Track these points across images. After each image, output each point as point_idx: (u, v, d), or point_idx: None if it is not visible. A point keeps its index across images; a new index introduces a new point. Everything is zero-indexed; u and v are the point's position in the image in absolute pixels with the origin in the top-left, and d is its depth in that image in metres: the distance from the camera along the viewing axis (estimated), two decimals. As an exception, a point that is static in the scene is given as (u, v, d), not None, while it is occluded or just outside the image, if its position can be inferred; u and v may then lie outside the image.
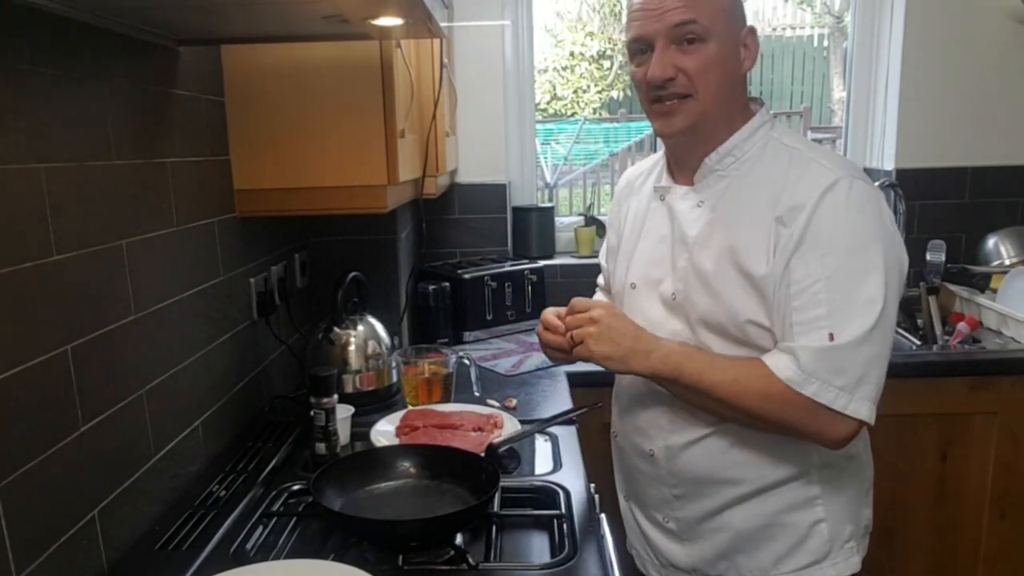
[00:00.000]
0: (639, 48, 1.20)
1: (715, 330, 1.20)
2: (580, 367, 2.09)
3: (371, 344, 1.76)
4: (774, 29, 11.10)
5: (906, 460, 2.11)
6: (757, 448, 1.22)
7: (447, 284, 2.35)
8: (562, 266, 2.73)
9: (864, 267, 1.10)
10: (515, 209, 2.77)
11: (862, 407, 1.10)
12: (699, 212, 1.23)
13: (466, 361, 1.81)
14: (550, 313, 1.33)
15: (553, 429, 1.56)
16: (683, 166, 1.28)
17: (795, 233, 1.12)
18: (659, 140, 1.32)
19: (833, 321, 1.09)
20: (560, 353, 1.31)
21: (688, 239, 1.23)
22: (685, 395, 1.21)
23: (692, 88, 1.17)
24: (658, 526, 1.35)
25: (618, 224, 1.43)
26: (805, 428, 1.14)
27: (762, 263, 1.15)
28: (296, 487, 1.37)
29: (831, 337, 1.09)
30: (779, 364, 1.12)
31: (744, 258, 1.16)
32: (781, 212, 1.14)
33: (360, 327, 1.77)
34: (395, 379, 1.81)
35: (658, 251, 1.29)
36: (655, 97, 1.20)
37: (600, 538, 1.18)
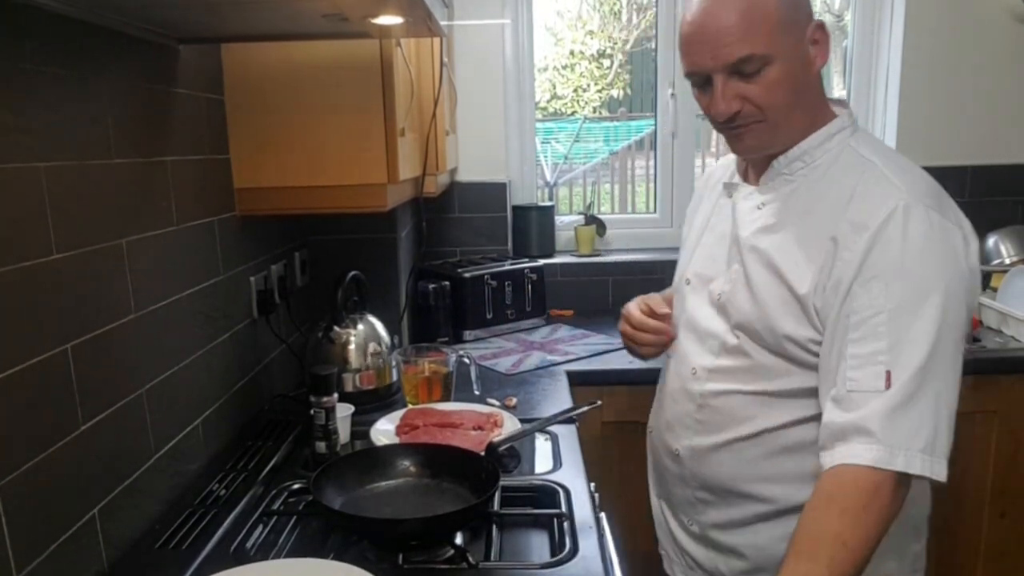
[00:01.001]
0: (697, 80, 1.14)
1: (753, 337, 1.16)
2: (580, 366, 2.10)
3: (371, 343, 1.76)
4: (774, 28, 11.08)
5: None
6: (787, 465, 1.15)
7: (447, 283, 2.35)
8: (562, 265, 2.73)
9: (927, 302, 1.01)
10: (515, 208, 2.76)
11: (942, 469, 1.00)
12: (758, 215, 1.18)
13: (466, 360, 1.81)
14: (635, 309, 1.38)
15: (553, 428, 1.56)
16: (753, 164, 1.23)
17: (855, 258, 1.04)
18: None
19: (892, 357, 1.00)
20: (650, 349, 1.36)
21: (741, 241, 1.19)
22: None
23: (760, 114, 1.11)
24: (684, 527, 1.31)
25: (691, 217, 1.40)
26: (901, 505, 1.02)
27: (806, 281, 1.09)
28: (296, 486, 1.37)
29: (888, 377, 1.00)
30: (857, 452, 0.99)
31: (789, 271, 1.11)
32: (838, 232, 1.06)
33: (360, 326, 1.77)
34: (395, 378, 1.81)
35: (716, 249, 1.25)
36: (723, 127, 1.16)
37: (600, 537, 1.18)
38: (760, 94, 1.09)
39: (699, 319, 1.25)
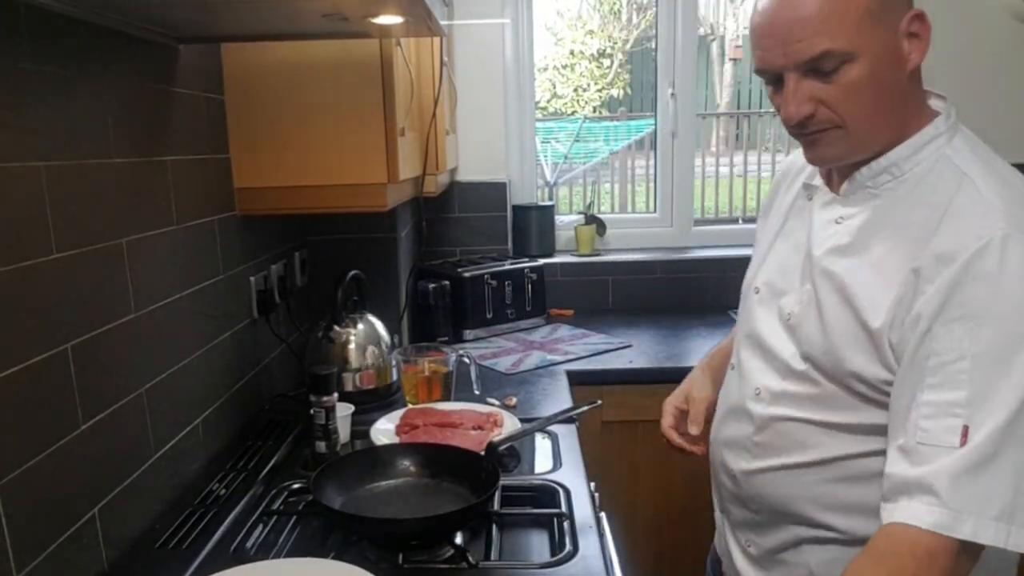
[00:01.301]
0: (768, 78, 1.02)
1: (819, 369, 1.05)
2: (580, 365, 2.10)
3: (371, 343, 1.76)
4: (774, 27, 11.09)
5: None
6: (850, 494, 1.05)
7: (447, 282, 2.35)
8: (562, 264, 2.73)
9: (1019, 352, 0.87)
10: (515, 207, 2.77)
11: (1022, 538, 0.86)
12: (834, 230, 1.05)
13: (466, 359, 1.81)
14: (668, 414, 1.36)
15: (553, 427, 1.56)
16: (837, 170, 1.09)
17: (939, 293, 0.90)
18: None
19: (971, 411, 0.87)
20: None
21: (813, 260, 1.06)
22: None
23: (838, 119, 0.98)
24: (741, 549, 1.22)
25: (766, 210, 1.28)
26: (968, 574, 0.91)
27: (880, 315, 0.96)
28: (296, 485, 1.37)
29: (964, 433, 0.87)
30: (918, 513, 0.88)
31: (863, 302, 0.99)
32: (923, 262, 0.93)
33: (360, 325, 1.77)
34: (395, 377, 1.81)
35: (790, 260, 1.12)
36: (796, 132, 1.03)
37: (600, 537, 1.18)
38: (838, 96, 0.96)
39: (766, 336, 1.14)
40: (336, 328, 1.74)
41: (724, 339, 1.34)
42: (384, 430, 1.55)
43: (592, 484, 1.36)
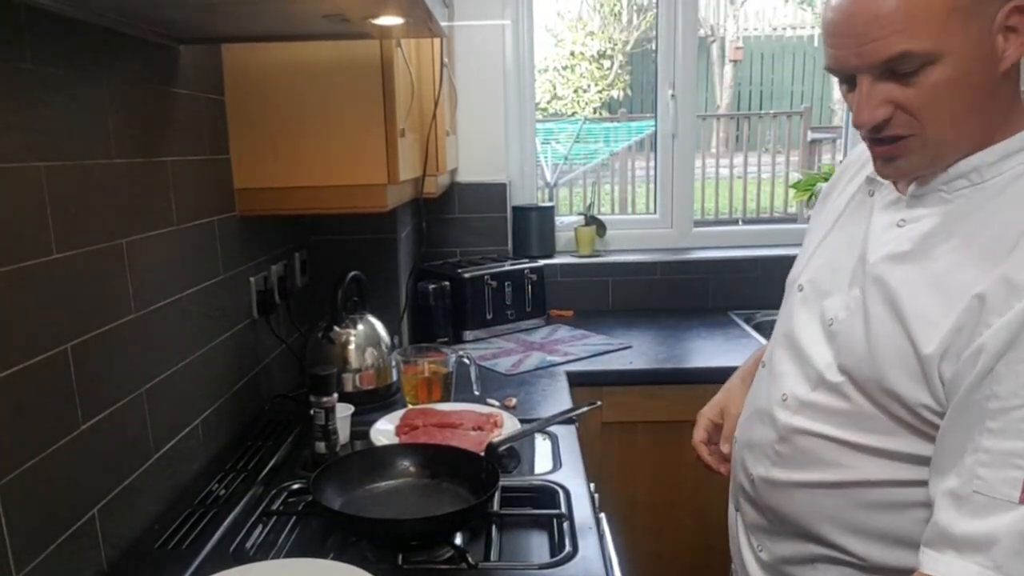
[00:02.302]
0: (842, 77, 0.94)
1: (855, 383, 0.96)
2: (579, 366, 2.10)
3: (371, 343, 1.76)
4: (775, 29, 11.12)
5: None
6: (875, 522, 0.98)
7: (447, 283, 2.35)
8: (562, 265, 2.73)
9: None
10: (515, 208, 2.77)
11: None
12: (894, 234, 0.96)
13: (466, 360, 1.81)
14: (701, 427, 1.30)
15: (553, 428, 1.56)
16: None
17: (1007, 327, 0.81)
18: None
19: None
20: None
21: (867, 264, 0.98)
22: None
23: (917, 126, 0.89)
24: (753, 551, 1.16)
25: (822, 203, 1.19)
26: None
27: (934, 340, 0.87)
28: (296, 486, 1.37)
29: None
30: (967, 571, 0.81)
31: (915, 322, 0.90)
32: (988, 287, 0.83)
33: (360, 326, 1.77)
34: (395, 378, 1.81)
35: (842, 259, 1.03)
36: (869, 138, 0.95)
37: (600, 537, 1.18)
38: (918, 100, 0.87)
39: (802, 338, 1.06)
40: (336, 329, 1.74)
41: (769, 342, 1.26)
42: (384, 431, 1.55)
43: (592, 485, 1.36)
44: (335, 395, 1.42)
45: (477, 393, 1.80)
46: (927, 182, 0.95)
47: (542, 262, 2.60)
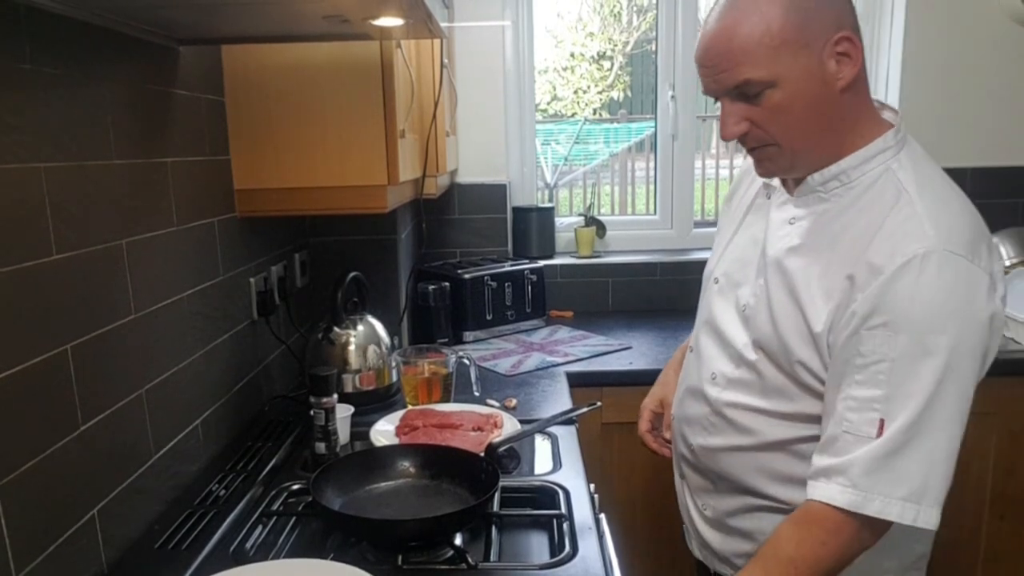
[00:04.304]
0: (713, 98, 1.13)
1: (770, 356, 1.15)
2: (579, 367, 2.10)
3: (371, 344, 1.76)
4: (774, 30, 11.09)
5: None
6: (797, 470, 1.15)
7: (447, 284, 2.35)
8: (562, 266, 2.73)
9: (930, 356, 0.99)
10: (515, 209, 2.77)
11: (931, 516, 1.01)
12: (787, 231, 1.15)
13: (466, 361, 1.81)
14: (644, 418, 1.50)
15: (552, 429, 1.56)
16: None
17: (867, 301, 1.01)
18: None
19: (887, 407, 1.00)
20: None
21: (767, 256, 1.17)
22: None
23: (769, 136, 1.08)
24: (699, 511, 1.34)
25: (728, 203, 1.37)
26: (874, 543, 1.06)
27: (820, 319, 1.07)
28: (296, 486, 1.37)
29: (880, 425, 1.00)
30: (831, 493, 1.02)
31: (807, 305, 1.09)
32: (857, 271, 1.03)
33: (360, 327, 1.77)
34: (395, 379, 1.81)
35: (748, 253, 1.22)
36: (744, 147, 1.14)
37: (600, 538, 1.18)
38: (765, 117, 1.06)
39: (723, 324, 1.24)
40: (336, 329, 1.74)
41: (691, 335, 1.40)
42: (384, 431, 1.55)
43: (592, 485, 1.36)
44: (335, 396, 1.42)
45: (477, 394, 1.80)
46: (808, 184, 1.13)
47: (542, 263, 2.60)
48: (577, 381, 2.02)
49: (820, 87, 1.04)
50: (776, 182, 1.20)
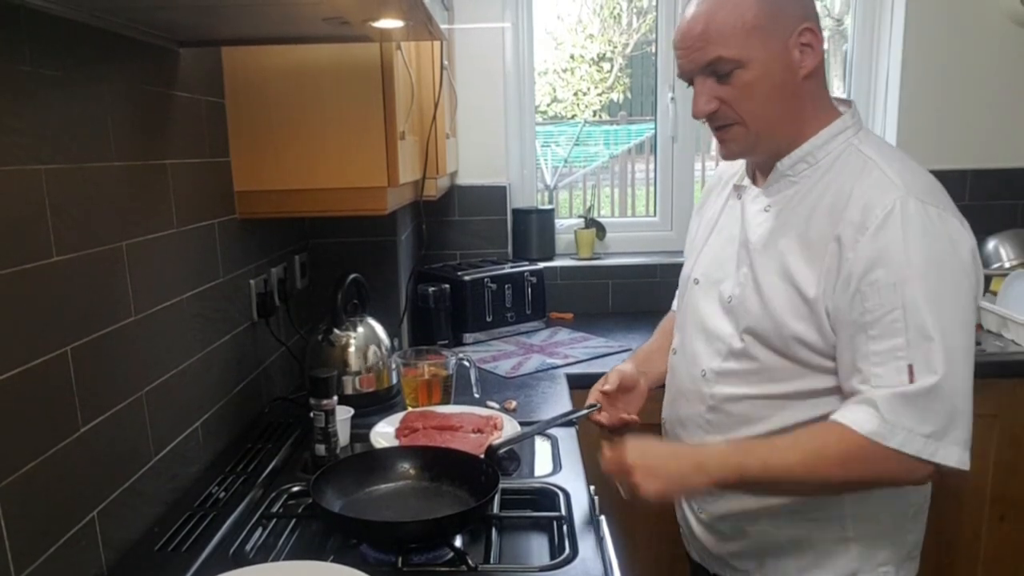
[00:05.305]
0: (687, 83, 1.20)
1: (762, 340, 1.18)
2: (580, 368, 2.10)
3: (371, 346, 1.76)
4: (774, 32, 11.10)
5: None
6: None
7: (447, 286, 2.35)
8: (562, 268, 2.73)
9: (936, 295, 1.04)
10: (515, 211, 2.77)
11: (951, 453, 1.04)
12: (764, 217, 1.21)
13: (466, 363, 1.81)
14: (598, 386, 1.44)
15: (552, 431, 1.56)
16: (760, 167, 1.26)
17: (860, 258, 1.06)
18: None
19: (912, 353, 1.03)
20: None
21: (750, 244, 1.22)
22: (760, 491, 1.16)
23: (736, 116, 1.15)
24: (694, 514, 1.35)
25: (698, 215, 1.44)
26: (890, 480, 1.10)
27: (812, 284, 1.11)
28: (296, 488, 1.36)
29: (910, 371, 1.03)
30: (859, 418, 1.05)
31: (798, 274, 1.13)
32: (841, 231, 1.09)
33: (360, 329, 1.77)
34: (395, 381, 1.81)
35: (725, 251, 1.28)
36: (711, 127, 1.20)
37: (600, 539, 1.18)
38: (734, 96, 1.14)
39: (707, 319, 1.27)
40: (336, 331, 1.74)
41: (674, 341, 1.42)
42: (384, 433, 1.55)
43: (592, 487, 1.36)
44: (335, 398, 1.42)
45: (477, 396, 1.80)
46: (777, 171, 1.19)
47: (542, 265, 2.60)
48: (577, 383, 2.01)
49: (785, 72, 1.13)
50: (746, 182, 1.27)
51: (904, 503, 1.22)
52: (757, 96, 1.13)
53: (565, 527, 1.21)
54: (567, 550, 1.14)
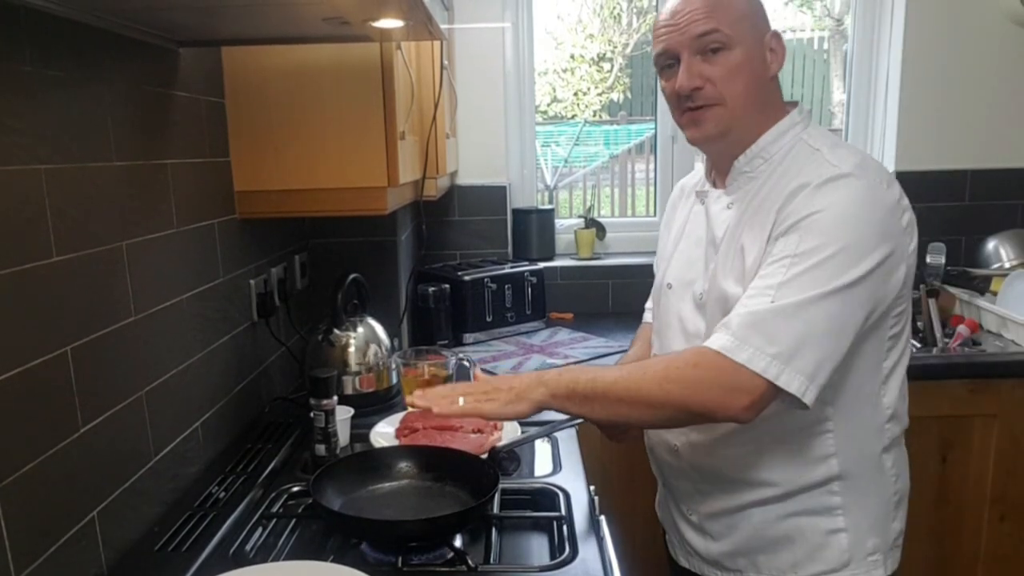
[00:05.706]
0: (666, 63, 1.24)
1: (719, 317, 1.20)
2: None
3: (371, 346, 1.76)
4: (774, 31, 11.12)
5: (906, 462, 2.10)
6: (780, 453, 1.23)
7: (447, 286, 2.35)
8: (562, 268, 2.73)
9: (833, 254, 1.08)
10: (515, 211, 2.77)
11: (793, 380, 1.07)
12: (727, 214, 1.26)
13: (466, 363, 1.81)
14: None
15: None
16: (720, 170, 1.31)
17: (785, 217, 1.14)
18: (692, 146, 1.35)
19: (780, 292, 1.09)
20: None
21: (716, 241, 1.27)
22: (593, 411, 1.17)
23: (720, 96, 1.20)
24: (683, 517, 1.37)
25: (666, 227, 1.49)
26: (704, 406, 1.11)
27: (753, 254, 1.18)
28: (296, 488, 1.37)
29: (772, 299, 1.09)
30: (713, 338, 1.12)
31: (747, 256, 1.19)
32: (781, 204, 1.16)
33: (360, 329, 1.77)
34: (395, 381, 1.81)
35: (694, 253, 1.32)
36: (685, 107, 1.23)
37: (600, 540, 1.18)
38: (721, 75, 1.19)
39: (685, 321, 1.32)
40: (336, 331, 1.74)
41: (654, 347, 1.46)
42: (384, 433, 1.55)
43: (592, 488, 1.36)
44: (335, 397, 1.42)
45: (477, 395, 1.79)
46: (736, 168, 1.26)
47: (542, 265, 2.60)
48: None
49: (760, 65, 1.21)
50: (707, 186, 1.34)
51: (889, 491, 1.27)
52: (740, 79, 1.19)
53: (565, 527, 1.21)
54: (567, 550, 1.14)
